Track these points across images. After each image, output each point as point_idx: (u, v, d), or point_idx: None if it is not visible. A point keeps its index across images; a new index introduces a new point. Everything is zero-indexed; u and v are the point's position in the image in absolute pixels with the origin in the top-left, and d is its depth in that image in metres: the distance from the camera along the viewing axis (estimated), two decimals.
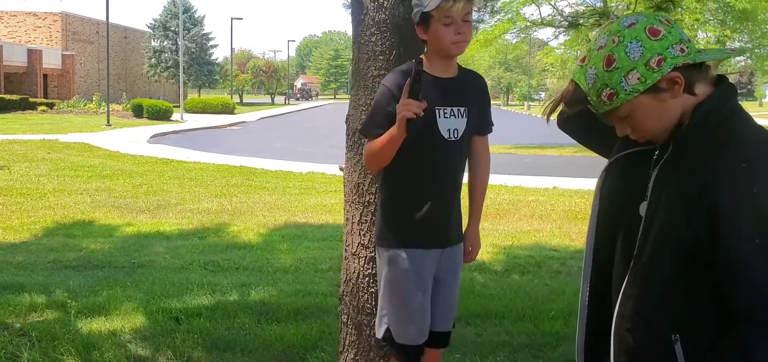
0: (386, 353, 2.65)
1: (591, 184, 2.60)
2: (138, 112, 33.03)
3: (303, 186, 11.70)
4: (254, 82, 73.81)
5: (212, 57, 60.40)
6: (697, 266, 1.44)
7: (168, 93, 55.41)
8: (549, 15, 18.05)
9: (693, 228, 1.42)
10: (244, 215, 8.83)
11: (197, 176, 12.76)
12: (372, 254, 2.77)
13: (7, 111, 33.08)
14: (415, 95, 2.26)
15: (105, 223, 8.14)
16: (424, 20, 2.36)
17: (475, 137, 2.61)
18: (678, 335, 1.48)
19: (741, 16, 16.76)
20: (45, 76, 43.58)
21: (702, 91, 1.50)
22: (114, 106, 35.72)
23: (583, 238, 1.75)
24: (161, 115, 32.56)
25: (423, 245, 2.50)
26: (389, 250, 2.51)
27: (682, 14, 15.02)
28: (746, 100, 70.93)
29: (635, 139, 1.58)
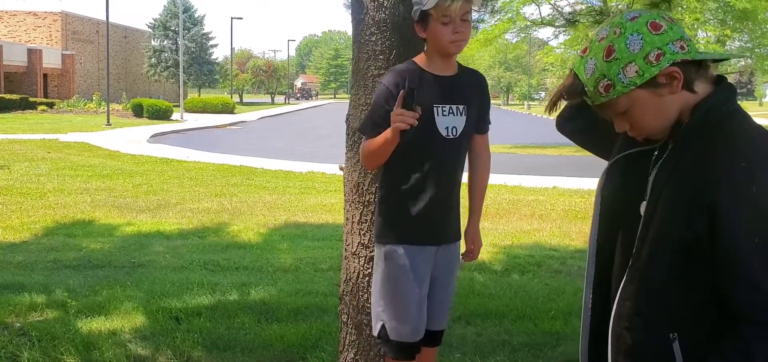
0: (382, 351, 2.64)
1: (591, 184, 2.60)
2: (138, 112, 33.05)
3: (303, 185, 11.70)
4: (254, 82, 73.74)
5: (212, 56, 60.36)
6: (696, 265, 1.44)
7: (168, 92, 55.40)
8: (549, 14, 18.09)
9: (692, 227, 1.42)
10: (244, 215, 8.83)
11: (197, 176, 12.75)
12: (372, 254, 2.77)
13: (7, 110, 33.10)
14: (410, 106, 2.27)
15: (105, 223, 8.14)
16: (423, 19, 2.37)
17: (476, 135, 2.61)
18: (676, 334, 1.47)
19: (741, 16, 16.79)
20: (45, 76, 43.60)
21: (702, 90, 1.50)
22: (114, 106, 35.76)
23: (583, 238, 1.75)
24: (161, 115, 32.57)
25: (420, 242, 2.50)
26: (386, 246, 2.52)
27: (683, 13, 15.06)
28: (746, 100, 70.95)
29: (634, 136, 1.58)
